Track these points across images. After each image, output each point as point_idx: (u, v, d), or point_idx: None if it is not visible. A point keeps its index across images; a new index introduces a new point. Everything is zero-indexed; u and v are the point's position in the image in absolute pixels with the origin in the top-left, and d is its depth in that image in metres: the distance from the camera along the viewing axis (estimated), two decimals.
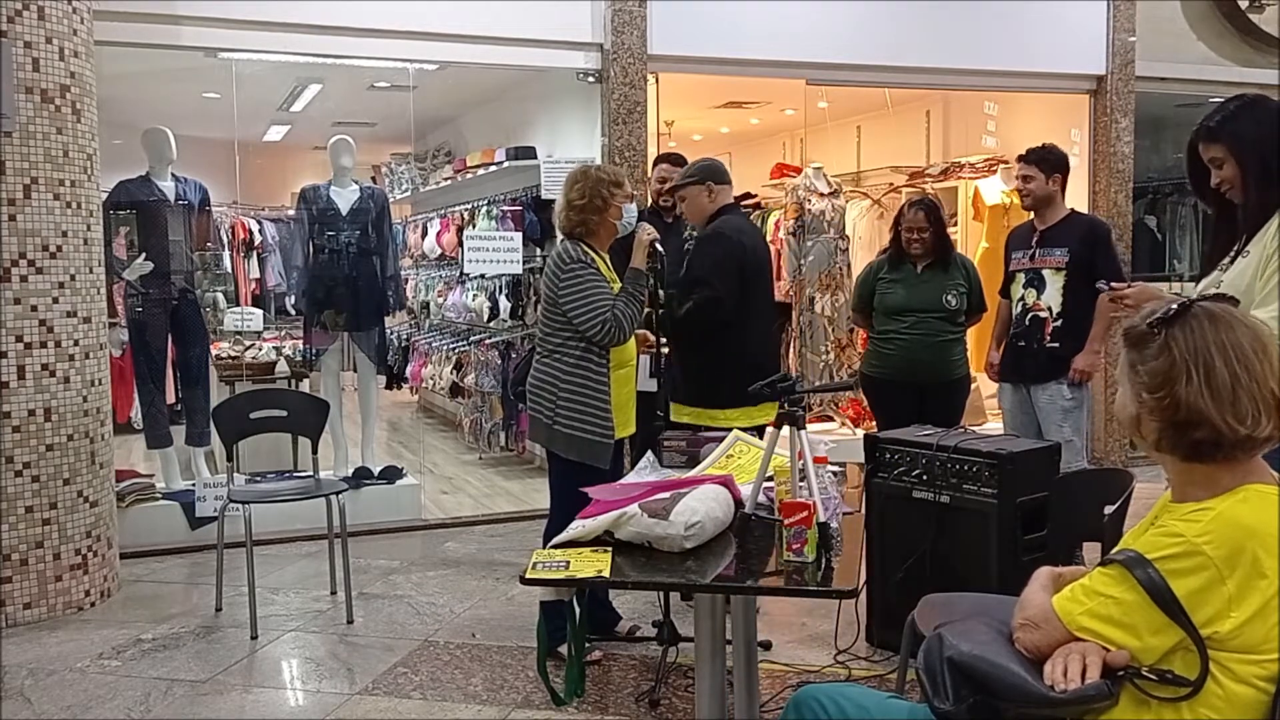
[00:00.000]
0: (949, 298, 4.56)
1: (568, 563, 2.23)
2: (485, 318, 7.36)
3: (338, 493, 4.32)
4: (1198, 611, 1.52)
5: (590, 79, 5.97)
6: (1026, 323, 4.50)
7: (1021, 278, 4.55)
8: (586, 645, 3.05)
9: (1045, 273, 4.46)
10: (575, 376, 3.53)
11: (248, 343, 6.67)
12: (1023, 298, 4.53)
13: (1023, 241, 4.60)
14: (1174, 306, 1.66)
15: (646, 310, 3.69)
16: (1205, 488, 1.63)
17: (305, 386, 6.38)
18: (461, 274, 7.78)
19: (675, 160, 4.70)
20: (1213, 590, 1.52)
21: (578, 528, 2.39)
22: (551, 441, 3.58)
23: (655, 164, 4.77)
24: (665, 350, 3.85)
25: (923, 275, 4.60)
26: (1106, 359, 5.62)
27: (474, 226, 7.32)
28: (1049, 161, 4.49)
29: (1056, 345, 4.42)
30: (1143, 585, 1.54)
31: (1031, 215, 4.60)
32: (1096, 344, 4.43)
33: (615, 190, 3.59)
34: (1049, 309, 4.44)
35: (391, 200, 7.52)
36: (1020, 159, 4.57)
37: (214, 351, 6.25)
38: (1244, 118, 2.65)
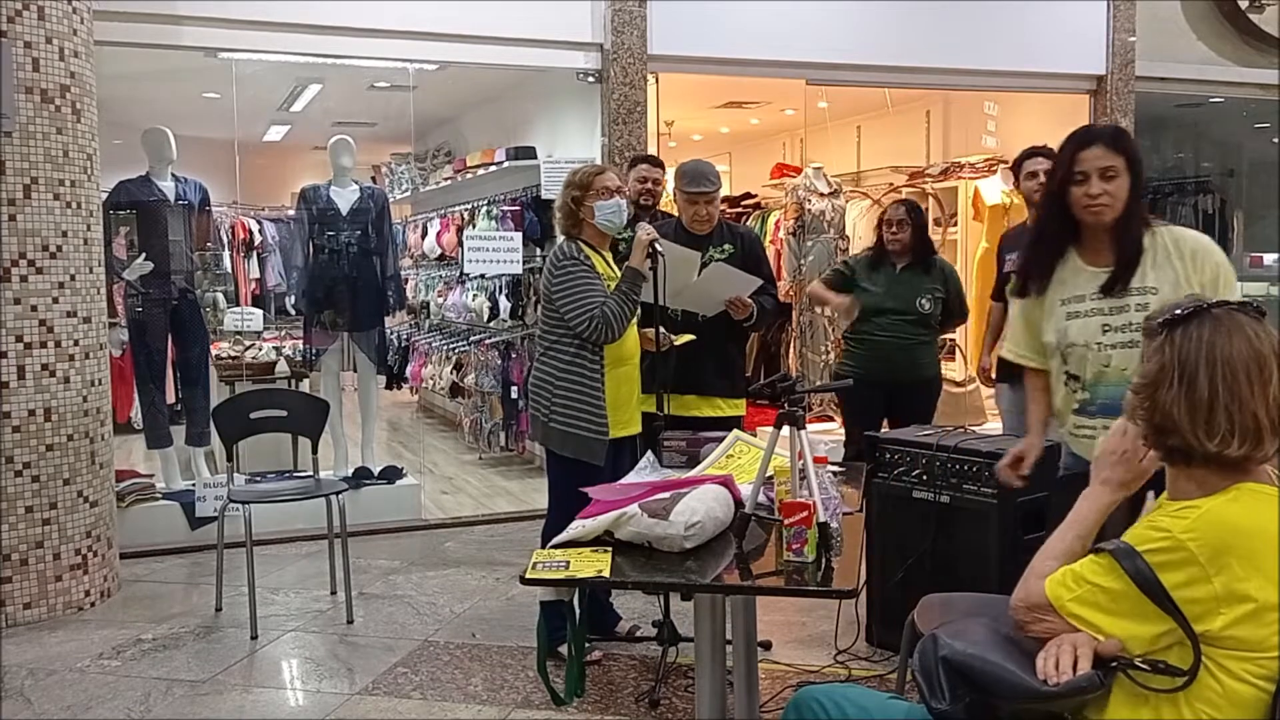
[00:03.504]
0: (923, 301, 4.57)
1: (568, 563, 2.23)
2: (485, 318, 7.37)
3: (338, 493, 4.33)
4: (1186, 604, 1.52)
5: (590, 79, 5.97)
6: None
7: None
8: (586, 645, 3.05)
9: None
10: (570, 373, 3.54)
11: (248, 343, 6.68)
12: None
13: (1019, 242, 4.58)
14: (1189, 308, 1.65)
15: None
16: (1197, 485, 1.63)
17: (305, 386, 6.38)
18: (461, 274, 7.78)
19: (655, 161, 4.71)
20: (1198, 586, 1.52)
21: (578, 528, 2.39)
22: (547, 438, 3.60)
23: (632, 164, 4.73)
24: (678, 343, 3.84)
25: (900, 276, 4.62)
26: None
27: (474, 226, 7.32)
28: None
29: None
30: (1131, 577, 1.55)
31: (1027, 215, 4.59)
32: None
33: (583, 193, 3.60)
34: None
35: (391, 200, 7.51)
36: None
37: (214, 351, 6.24)
38: (1133, 141, 2.75)
